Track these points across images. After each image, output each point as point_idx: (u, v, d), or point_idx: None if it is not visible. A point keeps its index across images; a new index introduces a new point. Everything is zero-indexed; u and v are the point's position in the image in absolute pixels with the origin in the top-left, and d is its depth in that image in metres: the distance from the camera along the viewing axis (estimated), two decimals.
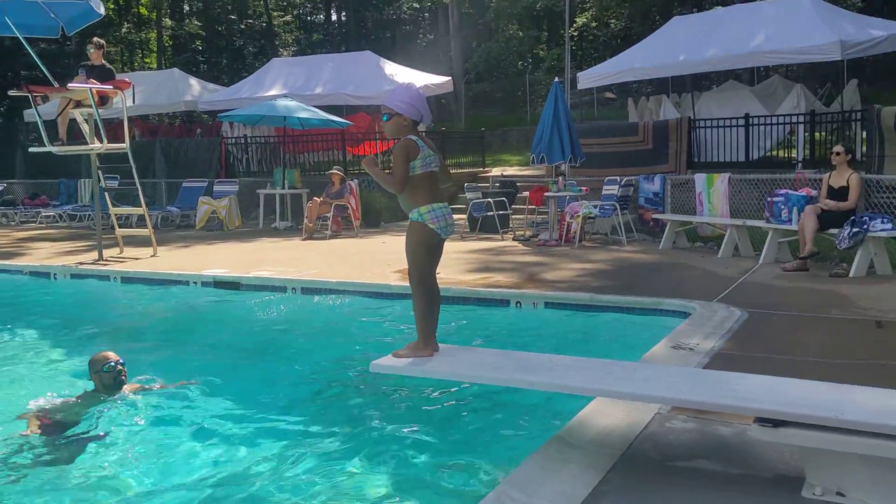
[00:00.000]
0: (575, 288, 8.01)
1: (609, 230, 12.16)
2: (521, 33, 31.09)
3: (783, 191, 9.31)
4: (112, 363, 5.09)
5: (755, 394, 3.36)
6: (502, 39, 30.12)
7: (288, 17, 41.03)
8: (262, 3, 39.53)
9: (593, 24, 30.49)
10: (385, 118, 4.18)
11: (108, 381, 5.08)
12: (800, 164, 13.11)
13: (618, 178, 12.12)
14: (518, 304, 7.65)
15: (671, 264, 9.49)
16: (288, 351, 6.76)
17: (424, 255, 4.19)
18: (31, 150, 12.92)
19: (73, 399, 5.15)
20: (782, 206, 9.12)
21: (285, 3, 41.68)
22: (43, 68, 11.54)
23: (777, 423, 3.08)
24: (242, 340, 7.15)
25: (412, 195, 4.13)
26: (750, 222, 9.83)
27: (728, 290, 7.56)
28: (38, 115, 11.18)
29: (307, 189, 15.74)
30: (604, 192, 12.15)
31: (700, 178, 10.88)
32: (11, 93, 11.96)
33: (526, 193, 14.20)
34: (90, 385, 5.22)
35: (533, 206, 13.65)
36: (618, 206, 11.56)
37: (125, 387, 5.18)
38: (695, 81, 18.20)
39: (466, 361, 4.07)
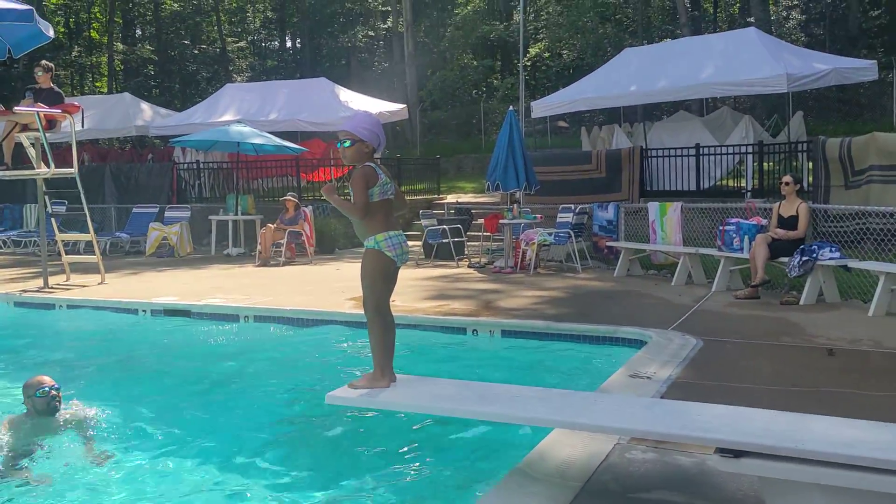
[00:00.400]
0: (531, 315, 8.00)
1: (564, 257, 12.22)
2: (475, 62, 31.40)
3: (735, 220, 9.47)
4: (46, 388, 4.89)
5: (715, 424, 3.36)
6: (457, 68, 30.41)
7: (242, 43, 40.82)
8: (215, 28, 39.31)
9: (546, 55, 30.93)
10: (347, 144, 4.14)
11: (41, 407, 4.88)
12: (749, 194, 13.37)
13: (572, 206, 12.22)
14: (475, 332, 7.61)
15: (626, 292, 9.56)
16: (240, 381, 6.59)
17: (381, 282, 4.15)
18: None
19: (3, 423, 4.93)
20: (734, 235, 9.26)
21: (239, 30, 41.50)
22: None
23: (738, 454, 3.08)
24: (192, 370, 6.95)
25: (368, 222, 4.10)
26: (702, 250, 9.97)
27: (683, 317, 7.62)
28: None
29: (261, 215, 15.56)
30: (558, 220, 12.23)
31: (653, 207, 11.01)
32: None
33: (481, 220, 14.23)
34: (23, 409, 5.01)
35: (488, 234, 13.68)
36: (572, 234, 11.64)
37: (59, 413, 4.97)
38: (646, 111, 18.55)
39: (425, 392, 4.00)
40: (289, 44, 43.60)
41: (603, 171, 14.57)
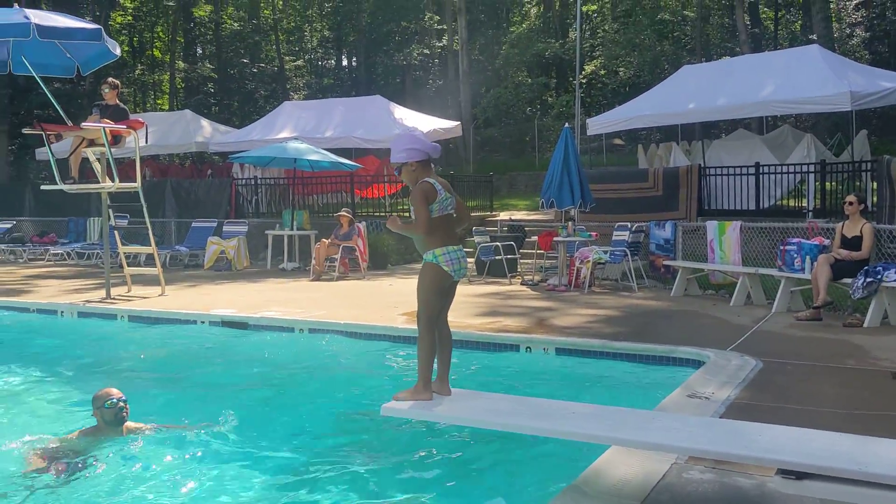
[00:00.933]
0: (585, 334, 7.92)
1: (619, 276, 12.09)
2: (529, 80, 31.40)
3: (796, 239, 9.26)
4: (114, 399, 5.06)
5: (776, 445, 3.28)
6: (511, 86, 30.43)
7: (300, 62, 41.60)
8: (274, 47, 40.13)
9: (602, 73, 30.82)
10: (396, 172, 4.34)
11: (109, 418, 5.05)
12: (810, 214, 13.08)
13: (628, 224, 12.08)
14: (528, 349, 7.56)
15: (683, 312, 9.41)
16: (295, 391, 6.67)
17: (436, 296, 4.21)
18: (42, 187, 13.00)
19: (74, 435, 5.10)
20: (795, 255, 9.06)
21: (297, 49, 42.29)
22: (57, 107, 11.64)
23: (800, 475, 3.00)
24: (249, 381, 7.05)
25: (428, 237, 4.16)
26: (762, 270, 9.76)
27: (742, 338, 7.47)
28: (51, 153, 11.27)
29: (315, 230, 15.75)
30: (614, 238, 12.10)
31: (711, 226, 10.84)
32: (26, 130, 12.06)
33: (534, 238, 14.17)
34: (92, 421, 5.17)
35: (542, 251, 13.60)
36: (628, 252, 11.51)
37: (126, 424, 5.12)
38: (704, 129, 18.30)
39: (480, 406, 3.99)
40: (345, 62, 44.31)
41: (660, 190, 14.41)
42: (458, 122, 22.44)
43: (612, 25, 30.16)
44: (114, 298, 10.93)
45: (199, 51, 41.69)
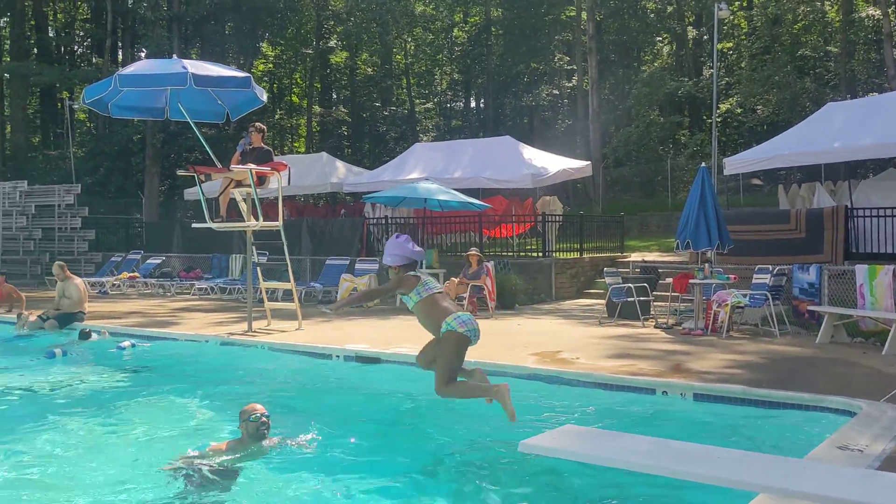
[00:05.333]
0: (724, 379, 7.60)
1: (759, 321, 11.56)
2: (661, 119, 30.85)
3: None
4: (258, 414, 5.44)
5: None
6: (642, 125, 29.99)
7: (429, 104, 42.66)
8: (405, 91, 41.35)
9: (738, 111, 29.90)
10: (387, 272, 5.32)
11: (252, 431, 5.41)
12: None
13: (769, 267, 11.56)
14: (664, 393, 7.33)
15: (829, 359, 8.88)
16: (427, 425, 6.73)
17: (456, 360, 5.18)
18: (193, 225, 13.81)
19: (220, 445, 5.48)
20: None
21: (427, 91, 43.40)
22: (209, 151, 12.40)
23: None
24: (382, 411, 7.20)
25: (431, 315, 4.89)
26: None
27: None
28: (202, 193, 11.99)
29: (444, 269, 15.94)
30: (754, 281, 11.59)
31: (861, 270, 10.24)
32: (180, 172, 12.87)
33: (668, 280, 13.78)
34: (237, 433, 5.55)
35: (676, 294, 13.21)
36: (769, 296, 11.00)
37: (267, 440, 5.48)
38: (850, 169, 17.37)
39: (621, 447, 3.90)
40: (472, 104, 45.05)
41: (803, 231, 13.76)
42: (589, 162, 22.29)
43: (749, 63, 29.26)
44: (255, 331, 11.41)
45: (334, 95, 43.52)
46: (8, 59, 33.79)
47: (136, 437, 6.28)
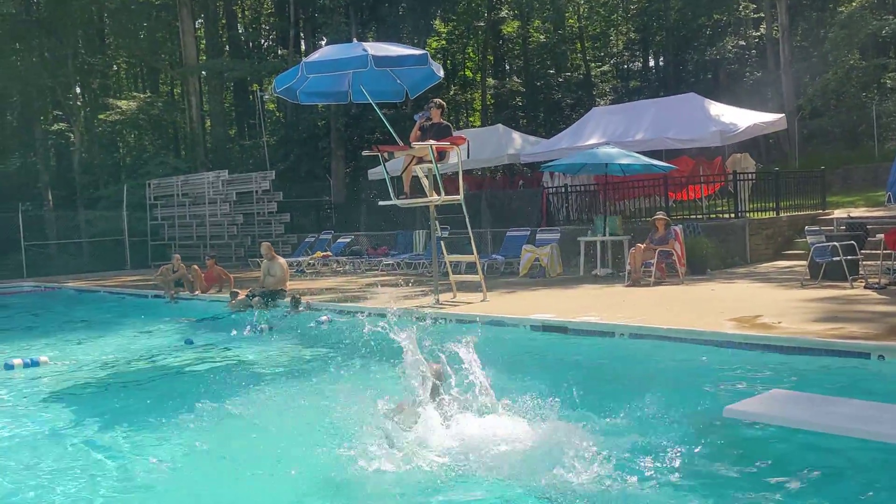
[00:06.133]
0: None
1: None
2: (863, 62, 28.19)
3: None
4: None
5: None
6: (841, 71, 27.53)
7: (605, 67, 41.47)
8: (579, 55, 40.44)
9: None
10: None
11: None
12: None
13: None
14: (881, 357, 6.70)
15: None
16: (625, 394, 6.52)
17: None
18: (380, 203, 14.25)
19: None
20: None
21: (602, 54, 42.21)
22: (391, 130, 12.76)
23: None
24: (575, 381, 7.07)
25: None
26: None
27: None
28: (387, 171, 12.37)
29: (629, 236, 15.49)
30: None
31: None
32: (365, 153, 13.30)
33: (879, 236, 12.60)
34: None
35: (889, 251, 12.05)
36: None
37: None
38: None
39: (840, 412, 3.57)
40: (651, 63, 43.32)
41: None
42: (782, 115, 20.77)
43: None
44: (442, 304, 11.64)
45: (507, 66, 43.34)
46: (204, 57, 36.42)
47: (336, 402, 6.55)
